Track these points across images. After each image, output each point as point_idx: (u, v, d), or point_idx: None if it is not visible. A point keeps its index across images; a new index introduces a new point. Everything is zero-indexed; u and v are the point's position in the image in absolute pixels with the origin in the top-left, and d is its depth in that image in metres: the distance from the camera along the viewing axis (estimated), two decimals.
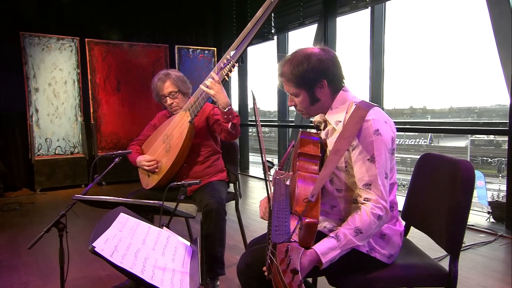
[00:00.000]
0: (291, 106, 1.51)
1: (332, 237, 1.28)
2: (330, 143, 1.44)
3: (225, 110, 2.17)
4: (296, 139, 1.63)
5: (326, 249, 1.25)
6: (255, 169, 7.05)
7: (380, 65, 4.52)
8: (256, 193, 5.32)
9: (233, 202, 2.70)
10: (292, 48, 6.11)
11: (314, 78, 1.39)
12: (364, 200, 1.32)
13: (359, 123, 1.30)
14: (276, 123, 6.54)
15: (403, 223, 1.59)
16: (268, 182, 1.34)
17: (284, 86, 1.47)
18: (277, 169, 1.55)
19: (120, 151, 1.96)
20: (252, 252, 1.50)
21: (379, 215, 1.29)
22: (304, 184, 1.25)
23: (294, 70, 1.39)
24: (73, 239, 3.12)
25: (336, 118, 1.43)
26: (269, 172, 1.52)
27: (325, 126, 1.52)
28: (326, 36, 5.03)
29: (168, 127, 2.46)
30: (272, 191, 1.34)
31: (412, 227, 1.72)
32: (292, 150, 1.65)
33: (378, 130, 1.31)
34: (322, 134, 1.51)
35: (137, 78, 6.08)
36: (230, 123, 2.21)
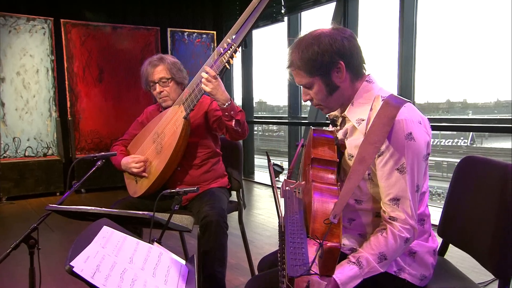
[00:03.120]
0: (306, 101, 1.49)
1: (353, 262, 1.28)
2: (350, 144, 1.43)
3: (225, 106, 2.18)
4: (306, 137, 1.61)
5: (347, 278, 1.25)
6: (261, 174, 7.04)
7: (411, 50, 4.50)
8: (263, 202, 5.31)
9: (236, 213, 2.70)
10: (304, 32, 6.10)
11: (328, 60, 1.37)
12: (389, 219, 1.31)
13: (389, 125, 1.27)
14: (286, 120, 6.53)
15: (439, 240, 1.57)
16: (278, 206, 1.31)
17: (295, 77, 1.46)
18: (286, 178, 1.53)
19: (102, 153, 1.97)
20: (261, 279, 1.48)
21: (406, 239, 1.29)
22: (322, 199, 1.23)
23: (303, 54, 1.38)
24: (46, 257, 3.13)
25: (358, 115, 1.41)
26: (277, 178, 1.51)
27: (343, 122, 1.50)
28: (346, 16, 5.02)
29: (159, 124, 2.46)
30: (282, 205, 1.32)
31: (450, 245, 1.71)
32: (301, 151, 1.63)
33: (411, 133, 1.29)
34: (339, 134, 1.50)
35: (122, 66, 6.11)
36: (234, 120, 2.21)
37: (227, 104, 2.18)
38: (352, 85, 1.43)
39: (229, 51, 2.14)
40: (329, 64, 1.38)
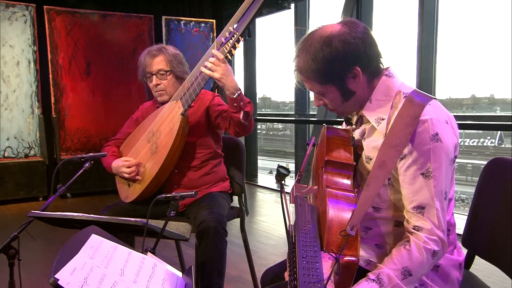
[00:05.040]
0: (319, 106, 1.49)
1: (373, 279, 1.26)
2: (367, 146, 1.43)
3: (234, 96, 2.18)
4: (317, 136, 1.61)
5: None
6: (266, 177, 7.04)
7: (431, 39, 4.49)
8: (267, 208, 5.31)
9: (238, 220, 2.70)
10: (313, 20, 6.09)
11: (341, 68, 1.36)
12: (413, 229, 1.30)
13: (412, 125, 1.26)
14: (293, 118, 6.53)
15: (464, 251, 1.57)
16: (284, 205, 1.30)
17: (305, 84, 1.45)
18: (296, 182, 1.53)
19: (91, 154, 1.97)
20: None
21: (434, 251, 1.27)
22: (337, 206, 1.22)
23: (313, 64, 1.37)
24: (27, 269, 3.13)
25: (378, 114, 1.40)
26: (283, 182, 1.50)
27: (359, 121, 1.50)
28: (359, 2, 5.01)
29: (154, 121, 2.46)
30: (291, 213, 1.31)
31: (476, 257, 1.70)
32: (312, 151, 1.62)
33: (437, 134, 1.28)
34: (356, 133, 1.49)
35: (112, 58, 6.11)
36: (242, 112, 2.21)
37: (237, 93, 2.18)
38: (370, 86, 1.43)
39: (231, 41, 2.14)
40: (343, 71, 1.37)
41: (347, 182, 1.34)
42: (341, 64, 1.35)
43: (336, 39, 1.34)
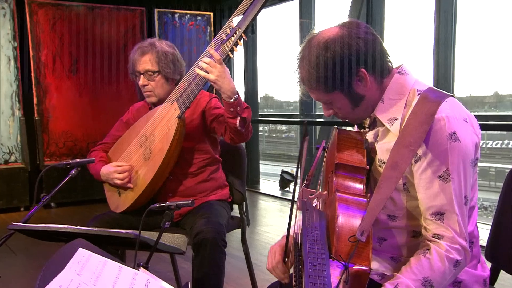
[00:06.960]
0: (329, 115, 1.53)
1: None
2: (381, 149, 1.44)
3: (231, 101, 2.18)
4: (328, 139, 1.62)
5: None
6: (268, 184, 7.03)
7: (449, 33, 4.49)
8: (270, 218, 5.30)
9: (238, 231, 2.70)
10: (319, 13, 6.10)
11: (345, 72, 1.38)
12: (433, 237, 1.30)
13: (427, 123, 1.27)
14: (298, 119, 6.52)
15: (488, 265, 1.56)
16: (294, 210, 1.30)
17: (310, 94, 1.49)
18: (304, 187, 1.53)
19: (77, 159, 1.97)
20: None
21: (456, 261, 1.27)
22: (348, 213, 1.23)
23: (315, 72, 1.40)
24: (8, 286, 3.13)
25: (391, 114, 1.42)
26: (288, 188, 1.51)
27: (372, 124, 1.51)
28: None
29: (147, 124, 2.47)
30: (300, 220, 1.31)
31: (502, 271, 1.70)
32: (322, 155, 1.63)
33: (455, 133, 1.29)
34: (369, 136, 1.50)
35: (100, 55, 6.12)
36: (239, 118, 2.22)
37: (234, 97, 2.18)
38: (380, 87, 1.45)
39: (233, 38, 2.14)
40: (348, 75, 1.39)
41: (359, 186, 1.35)
42: (344, 68, 1.37)
43: (335, 43, 1.37)
